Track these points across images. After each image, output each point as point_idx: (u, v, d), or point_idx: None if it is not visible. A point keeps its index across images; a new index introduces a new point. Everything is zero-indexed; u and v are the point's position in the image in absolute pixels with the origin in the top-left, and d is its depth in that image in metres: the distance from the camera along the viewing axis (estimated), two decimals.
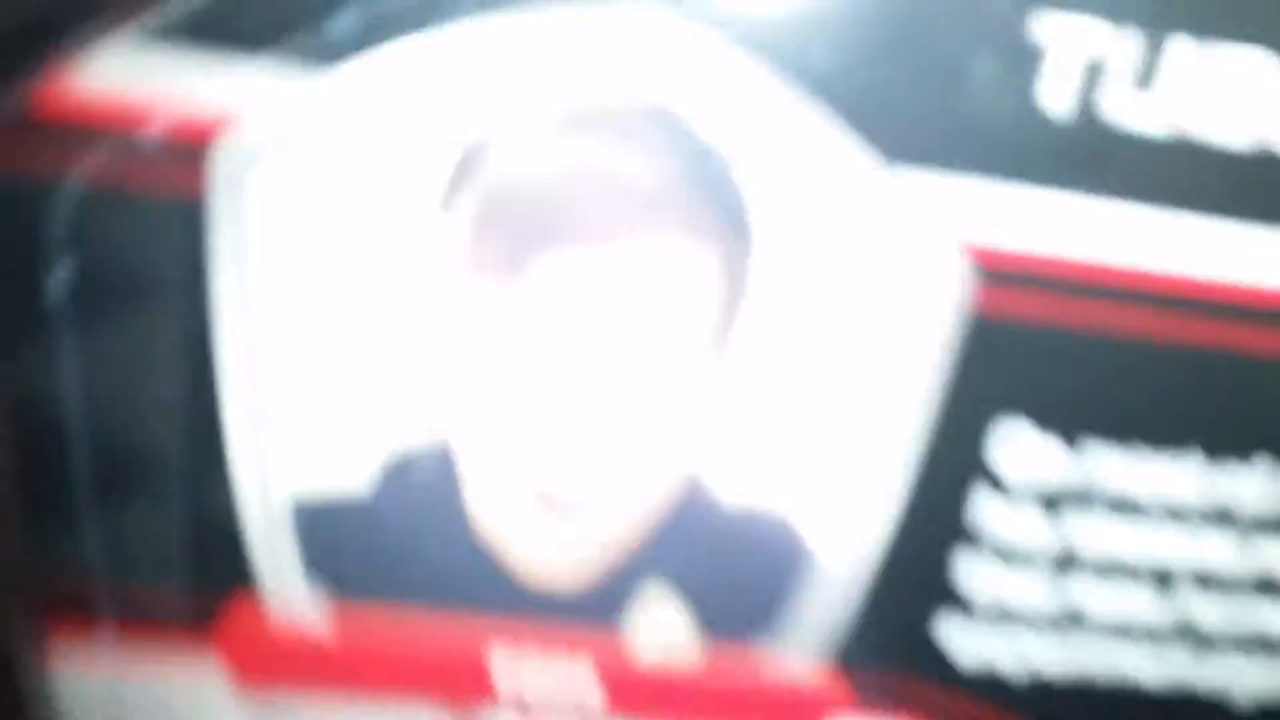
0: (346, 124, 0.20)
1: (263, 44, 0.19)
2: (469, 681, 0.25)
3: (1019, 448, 0.23)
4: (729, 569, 0.24)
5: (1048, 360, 0.22)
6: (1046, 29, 0.20)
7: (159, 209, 0.20)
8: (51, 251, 0.20)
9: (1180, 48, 0.20)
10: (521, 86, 0.20)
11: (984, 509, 0.24)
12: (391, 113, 0.20)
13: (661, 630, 0.25)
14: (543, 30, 0.19)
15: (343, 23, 0.19)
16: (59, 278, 0.21)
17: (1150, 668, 0.25)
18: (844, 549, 0.24)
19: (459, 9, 0.19)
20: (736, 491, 0.23)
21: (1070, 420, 0.23)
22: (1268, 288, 0.22)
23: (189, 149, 0.20)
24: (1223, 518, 0.24)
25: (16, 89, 0.19)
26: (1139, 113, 0.20)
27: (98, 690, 0.24)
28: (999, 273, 0.21)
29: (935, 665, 0.25)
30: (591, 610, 0.25)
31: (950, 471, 0.23)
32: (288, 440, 0.22)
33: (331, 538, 0.23)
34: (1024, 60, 0.20)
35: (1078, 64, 0.20)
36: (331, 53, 0.19)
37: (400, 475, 0.23)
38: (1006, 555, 0.24)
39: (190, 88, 0.19)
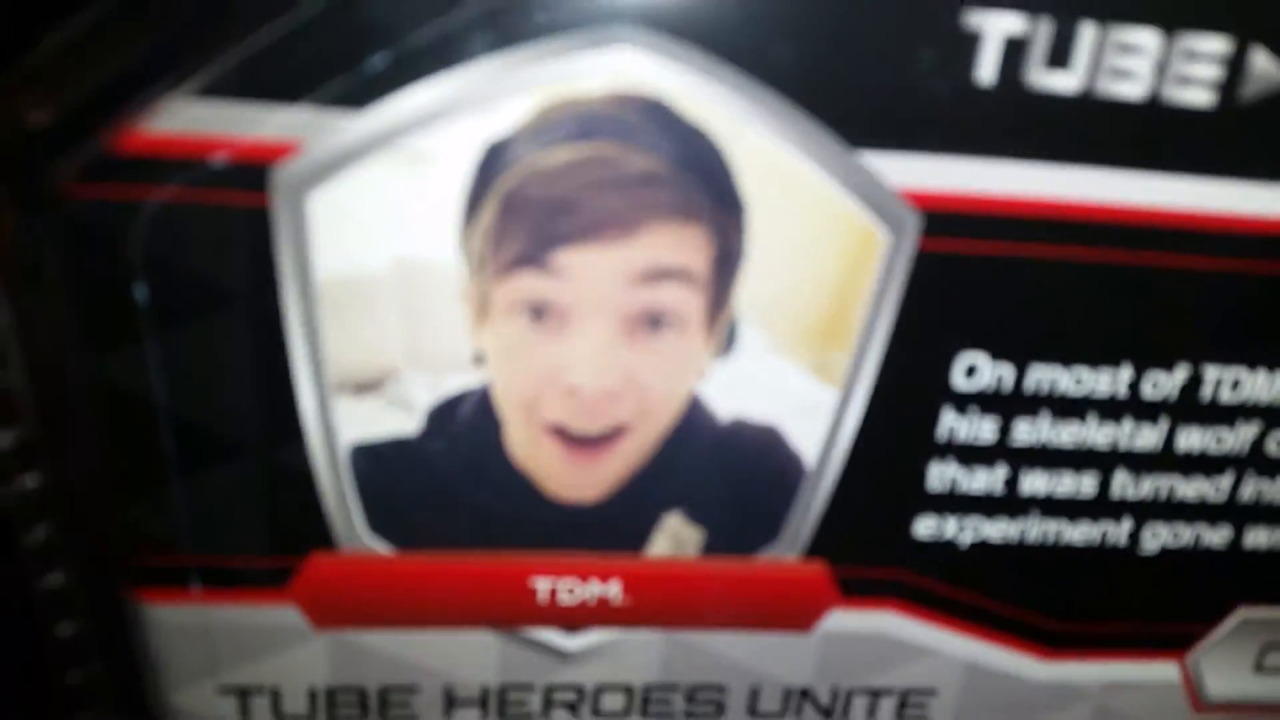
0: (384, 147, 0.25)
1: (308, 87, 0.24)
2: (515, 606, 0.31)
3: (976, 370, 0.29)
4: (727, 473, 0.30)
5: (996, 292, 0.28)
6: (978, 19, 0.25)
7: (232, 218, 0.25)
8: (139, 260, 0.26)
9: (1086, 28, 0.25)
10: (527, 102, 0.25)
11: (949, 423, 0.30)
12: (420, 135, 0.25)
13: (677, 548, 0.30)
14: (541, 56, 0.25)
15: (374, 65, 0.24)
16: (145, 283, 0.26)
17: (1082, 533, 0.31)
18: (824, 456, 0.29)
19: (471, 51, 0.24)
20: (728, 407, 0.29)
21: (1017, 343, 0.29)
22: (1175, 214, 0.27)
23: (254, 170, 0.25)
24: (1149, 413, 0.30)
25: (104, 134, 0.24)
26: (1054, 81, 0.26)
27: (191, 631, 0.30)
28: (945, 219, 0.27)
29: (914, 558, 0.31)
30: (617, 534, 0.30)
31: (920, 394, 0.29)
32: (348, 400, 0.28)
33: (387, 473, 0.29)
34: (961, 45, 0.25)
35: (1004, 45, 0.25)
36: (368, 92, 0.25)
37: (444, 416, 0.29)
38: (968, 459, 0.30)
39: (250, 124, 0.25)
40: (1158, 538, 0.32)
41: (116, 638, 0.30)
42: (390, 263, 0.26)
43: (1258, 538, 0.32)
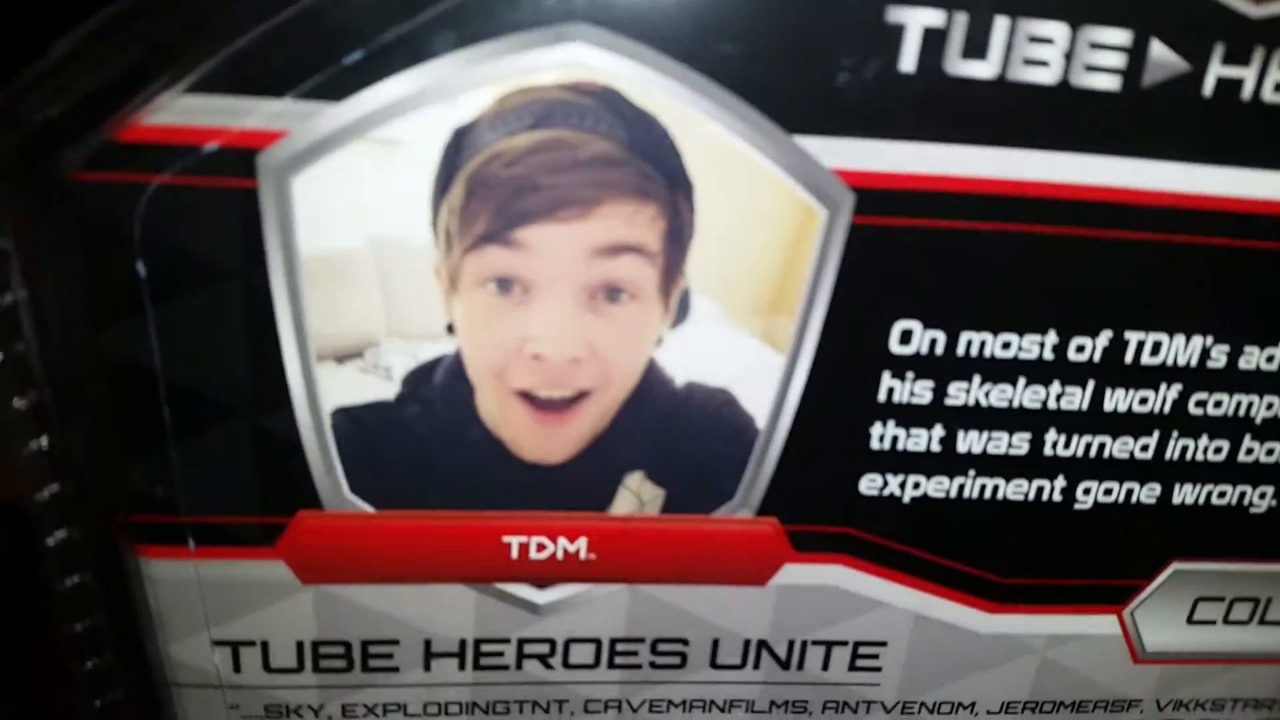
0: (360, 134, 0.29)
1: (291, 81, 0.28)
2: (489, 562, 0.34)
3: (912, 338, 0.32)
4: (684, 435, 0.34)
5: (926, 264, 0.31)
6: (900, 13, 0.29)
7: (223, 200, 0.29)
8: (139, 240, 0.29)
9: (999, 23, 0.29)
10: (489, 93, 0.29)
11: (888, 386, 0.33)
12: (392, 124, 0.29)
13: (640, 506, 0.34)
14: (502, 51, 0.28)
15: (350, 61, 0.28)
16: (145, 260, 0.29)
17: (1017, 490, 0.35)
18: (774, 418, 0.33)
19: (437, 47, 0.28)
20: (684, 372, 0.33)
21: (948, 311, 0.32)
22: (1088, 188, 0.31)
23: (242, 157, 0.29)
24: (1075, 375, 0.33)
25: (107, 126, 0.28)
26: (972, 69, 0.29)
27: (187, 586, 0.34)
28: (877, 196, 0.30)
29: (861, 515, 0.35)
30: (583, 493, 0.34)
31: (860, 359, 0.33)
32: (330, 368, 0.31)
33: (367, 437, 0.33)
34: (886, 38, 0.29)
35: (925, 37, 0.29)
36: (345, 85, 0.28)
37: (419, 383, 0.32)
38: (907, 420, 0.34)
39: (239, 115, 0.28)
40: (1090, 494, 0.35)
41: (118, 591, 0.33)
42: (368, 240, 0.30)
43: (1186, 494, 0.36)
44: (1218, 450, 0.35)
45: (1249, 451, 0.35)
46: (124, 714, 0.35)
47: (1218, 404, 0.35)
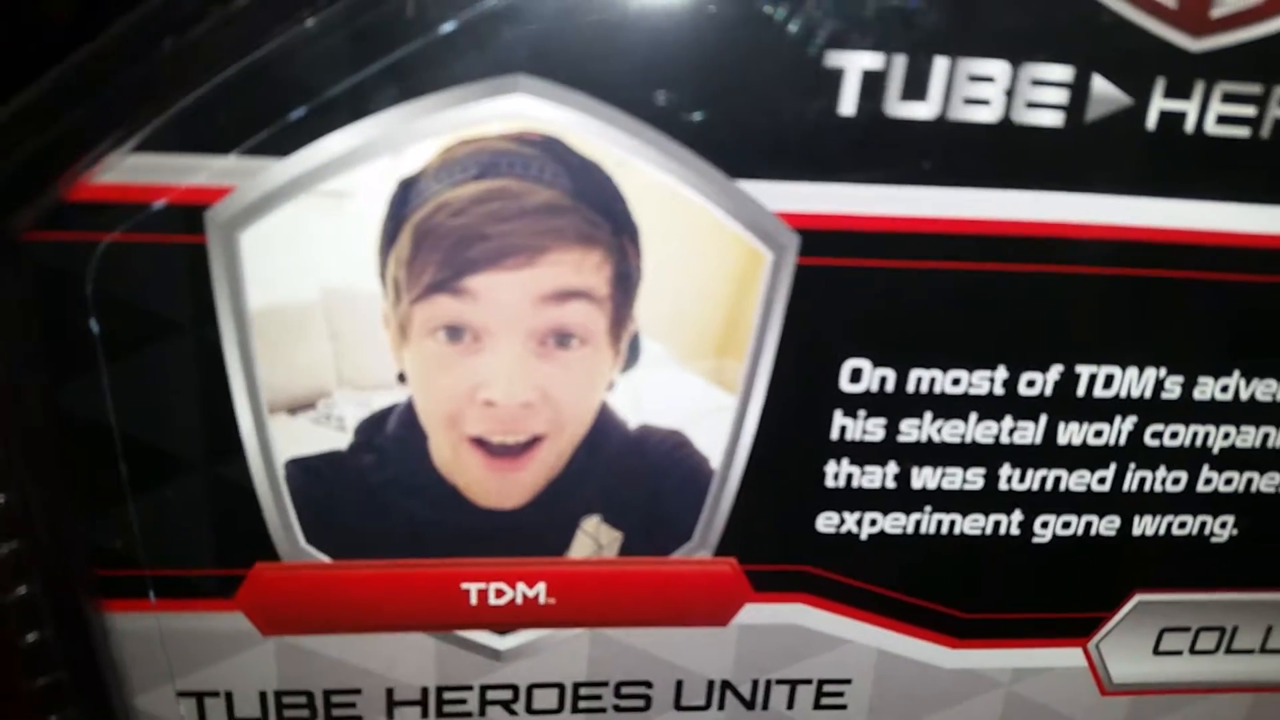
0: (306, 188, 0.31)
1: (236, 138, 0.30)
2: (448, 609, 0.37)
3: (862, 376, 0.35)
4: (640, 477, 0.36)
5: (873, 303, 0.34)
6: (838, 58, 0.31)
7: (173, 256, 0.31)
8: (92, 296, 0.31)
9: (939, 63, 0.31)
10: (434, 144, 0.31)
11: (840, 425, 0.35)
12: (338, 177, 0.31)
13: (598, 549, 0.36)
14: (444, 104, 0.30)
15: (294, 118, 0.30)
16: (98, 316, 0.32)
17: (974, 524, 0.37)
18: (728, 458, 0.35)
19: (381, 101, 0.30)
20: (636, 415, 0.35)
21: (896, 349, 0.34)
22: (1034, 224, 0.33)
23: (191, 213, 0.31)
24: (1027, 410, 0.36)
25: (56, 187, 0.30)
26: (912, 110, 0.31)
27: (150, 638, 0.36)
28: (822, 238, 0.33)
29: (819, 553, 0.37)
30: (541, 538, 0.36)
31: (812, 398, 0.35)
32: (283, 419, 0.33)
33: (322, 487, 0.35)
34: (824, 83, 0.31)
35: (864, 80, 0.31)
36: (290, 140, 0.30)
37: (372, 432, 0.34)
38: (861, 458, 0.36)
39: (187, 173, 0.30)
40: (1048, 528, 0.37)
41: (81, 645, 0.35)
42: (317, 292, 0.32)
43: (1146, 525, 0.38)
44: (1176, 481, 0.37)
45: (1208, 482, 0.38)
46: None
47: (1174, 435, 0.37)
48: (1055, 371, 0.35)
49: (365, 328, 0.33)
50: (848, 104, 0.31)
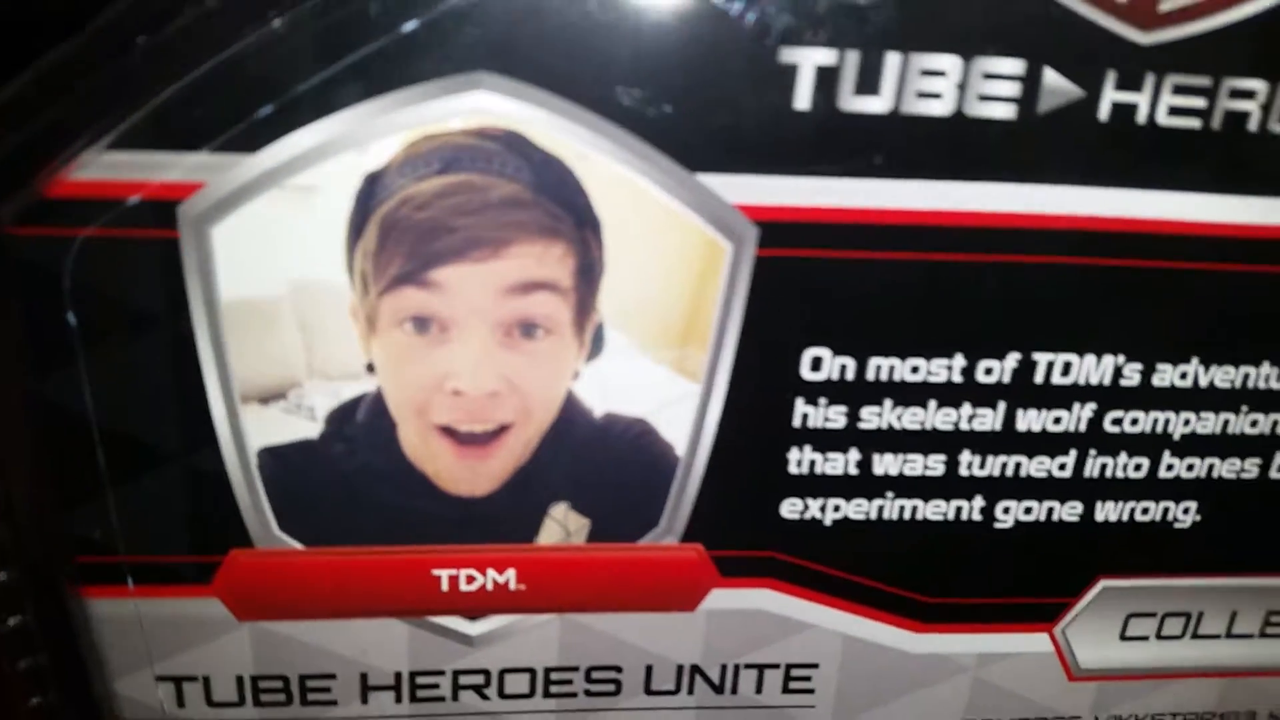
0: (275, 183, 0.33)
1: (208, 135, 0.32)
2: (420, 596, 0.38)
3: (822, 365, 0.36)
4: (606, 465, 0.37)
5: (831, 293, 0.35)
6: (792, 54, 0.32)
7: (147, 250, 0.33)
8: (70, 289, 0.33)
9: (891, 59, 0.33)
10: (399, 140, 0.33)
11: (802, 412, 0.37)
12: (306, 172, 0.33)
13: (566, 536, 0.38)
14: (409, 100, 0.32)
15: (263, 114, 0.32)
16: (76, 308, 0.33)
17: (934, 509, 0.38)
18: (693, 446, 0.37)
19: (347, 98, 0.32)
20: (602, 404, 0.36)
21: (855, 337, 0.36)
22: (988, 215, 0.35)
23: (164, 208, 0.32)
24: (986, 397, 0.37)
25: (35, 183, 0.32)
26: (866, 104, 0.33)
27: (129, 624, 0.38)
28: (780, 229, 0.34)
29: (784, 538, 0.39)
30: (510, 525, 0.38)
31: (773, 386, 0.37)
32: (255, 409, 0.35)
33: (294, 475, 0.36)
34: (779, 78, 0.33)
35: (818, 75, 0.33)
36: (259, 137, 0.32)
37: (342, 421, 0.36)
38: (823, 445, 0.37)
39: (160, 169, 0.32)
40: (1010, 514, 0.39)
41: (61, 630, 0.37)
42: (286, 285, 0.34)
43: (1108, 512, 0.39)
44: (1138, 468, 0.39)
45: (1169, 468, 0.39)
46: None
47: (1134, 422, 0.38)
48: (1012, 359, 0.37)
49: (334, 319, 0.34)
50: (803, 99, 0.32)
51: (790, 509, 0.38)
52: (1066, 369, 0.37)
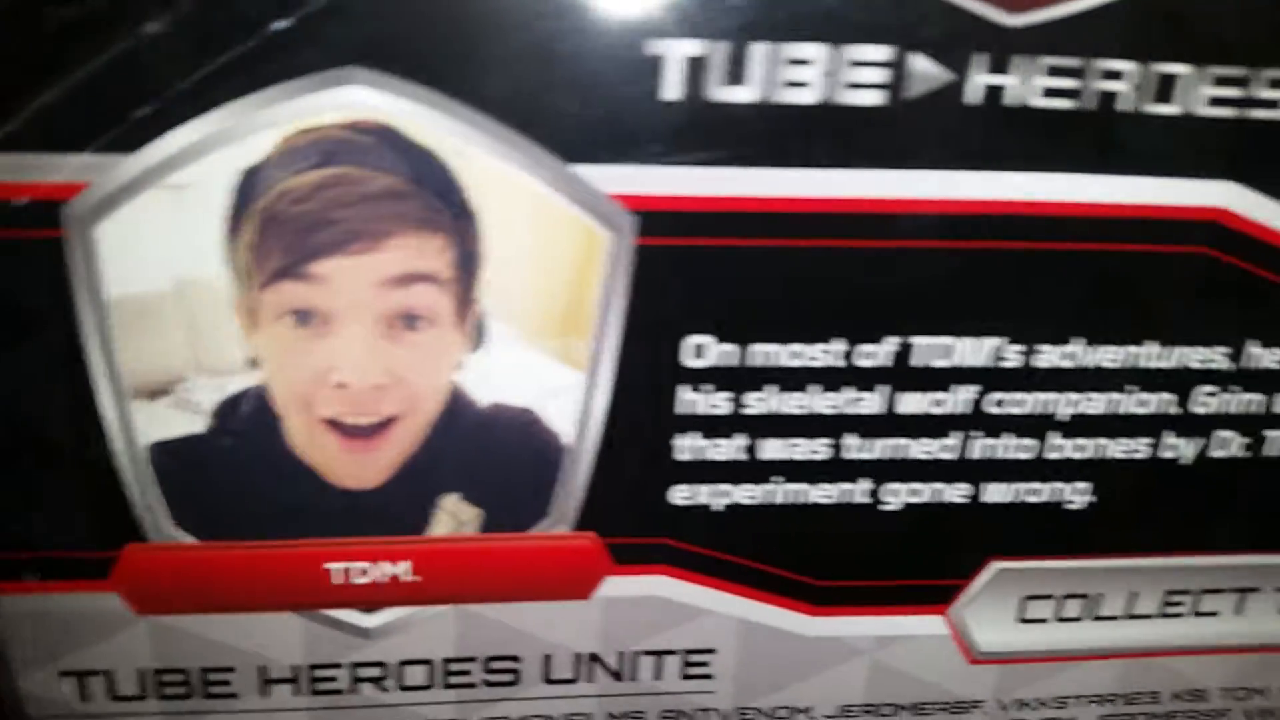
0: (155, 181, 0.34)
1: (88, 137, 0.33)
2: (313, 589, 0.39)
3: (705, 352, 0.37)
4: (494, 455, 0.38)
5: (711, 281, 0.36)
6: (660, 45, 0.34)
7: (34, 249, 0.34)
8: None
9: (757, 49, 0.34)
10: (274, 135, 0.34)
11: (687, 399, 0.38)
12: (185, 169, 0.34)
13: (458, 527, 0.39)
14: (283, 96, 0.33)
15: (140, 115, 0.33)
16: None
17: (821, 492, 0.39)
18: (580, 434, 0.38)
19: (222, 95, 0.33)
20: (487, 394, 0.37)
21: (737, 324, 0.37)
22: (860, 201, 0.36)
23: (49, 208, 0.34)
24: (866, 381, 0.38)
25: None
26: (734, 94, 0.34)
27: (31, 619, 0.39)
28: (658, 218, 0.35)
29: (675, 525, 0.40)
30: (401, 516, 0.39)
31: (657, 374, 0.38)
32: (143, 405, 0.36)
33: (184, 470, 0.37)
34: (648, 69, 0.34)
35: (686, 66, 0.34)
36: (138, 136, 0.33)
37: (228, 415, 0.37)
38: (709, 431, 0.38)
39: (44, 170, 0.33)
40: (897, 496, 0.40)
41: None
42: (169, 281, 0.35)
43: (997, 493, 0.41)
44: (1023, 449, 0.40)
45: (1058, 449, 0.40)
46: None
47: (1018, 403, 0.39)
48: (891, 344, 0.38)
49: (216, 314, 0.35)
50: (672, 90, 0.33)
51: (680, 495, 0.39)
52: (945, 352, 0.38)
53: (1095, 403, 0.40)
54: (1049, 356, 0.39)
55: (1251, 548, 0.44)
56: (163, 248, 0.34)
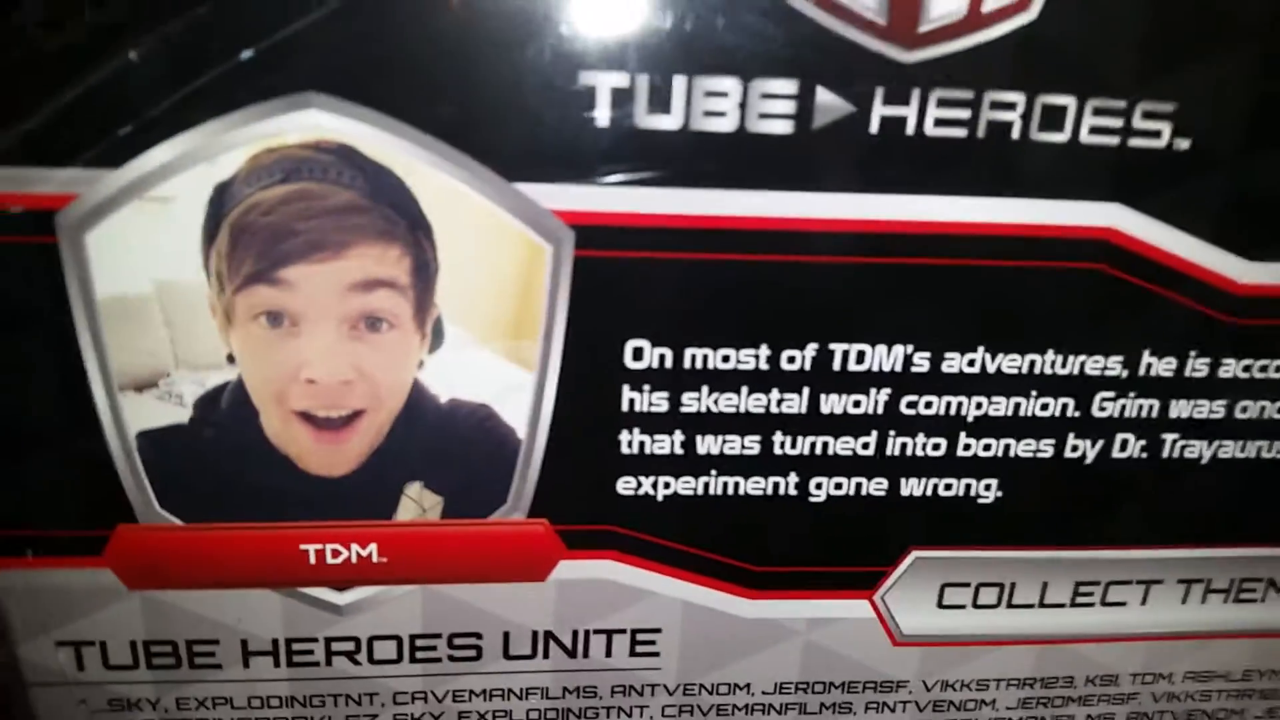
0: (138, 194, 0.36)
1: (78, 152, 0.35)
2: (290, 569, 0.42)
3: (644, 354, 0.39)
4: (454, 447, 0.40)
5: (645, 289, 0.38)
6: (591, 77, 0.36)
7: (30, 253, 0.36)
8: None
9: (678, 81, 0.36)
10: (242, 153, 0.36)
11: (629, 398, 0.40)
12: (163, 184, 0.36)
13: (422, 513, 0.41)
14: (250, 119, 0.36)
15: (123, 134, 0.35)
16: None
17: (753, 484, 0.41)
18: (532, 429, 0.40)
19: (195, 118, 0.35)
20: (446, 391, 0.40)
21: (671, 330, 0.39)
22: (775, 219, 0.38)
23: (43, 217, 0.36)
24: (791, 383, 0.40)
25: None
26: (659, 121, 0.36)
27: (31, 592, 0.41)
28: (594, 232, 0.38)
29: (621, 513, 0.42)
30: (369, 503, 0.41)
31: (602, 374, 0.40)
32: (132, 397, 0.39)
33: (170, 457, 0.40)
34: (581, 98, 0.36)
35: (614, 96, 0.36)
36: (121, 153, 0.35)
37: (208, 407, 0.39)
38: (650, 428, 0.40)
39: (38, 183, 0.35)
40: (823, 489, 0.42)
41: None
42: (153, 284, 0.37)
43: (913, 487, 0.42)
44: (936, 447, 0.42)
45: (967, 447, 0.42)
46: None
47: (928, 405, 0.41)
48: (812, 349, 0.40)
49: (195, 315, 0.38)
50: (604, 117, 0.36)
51: (625, 486, 0.41)
52: (860, 357, 0.40)
53: (999, 406, 0.41)
54: (955, 363, 0.40)
55: (1154, 543, 0.45)
56: (147, 254, 0.37)
